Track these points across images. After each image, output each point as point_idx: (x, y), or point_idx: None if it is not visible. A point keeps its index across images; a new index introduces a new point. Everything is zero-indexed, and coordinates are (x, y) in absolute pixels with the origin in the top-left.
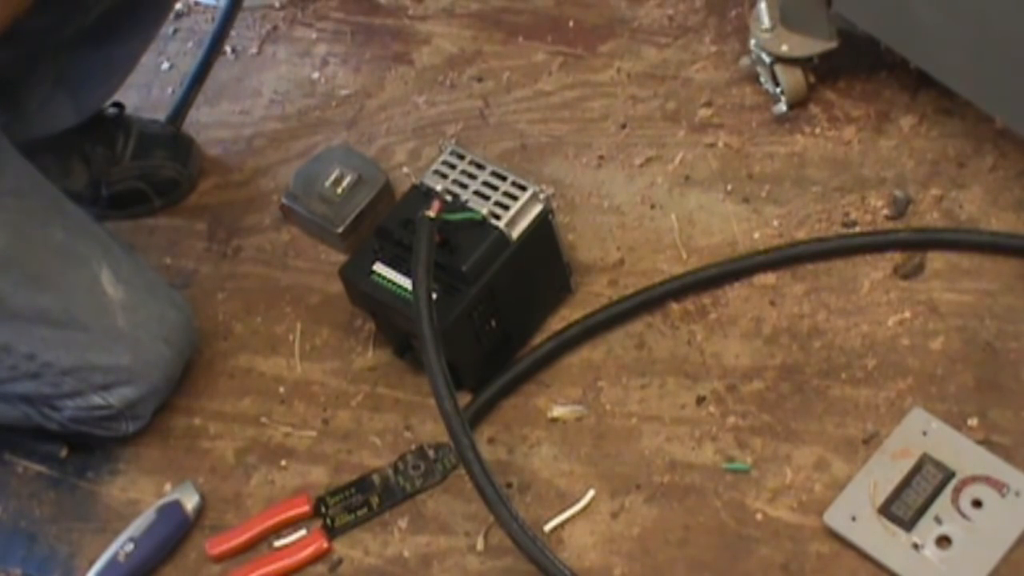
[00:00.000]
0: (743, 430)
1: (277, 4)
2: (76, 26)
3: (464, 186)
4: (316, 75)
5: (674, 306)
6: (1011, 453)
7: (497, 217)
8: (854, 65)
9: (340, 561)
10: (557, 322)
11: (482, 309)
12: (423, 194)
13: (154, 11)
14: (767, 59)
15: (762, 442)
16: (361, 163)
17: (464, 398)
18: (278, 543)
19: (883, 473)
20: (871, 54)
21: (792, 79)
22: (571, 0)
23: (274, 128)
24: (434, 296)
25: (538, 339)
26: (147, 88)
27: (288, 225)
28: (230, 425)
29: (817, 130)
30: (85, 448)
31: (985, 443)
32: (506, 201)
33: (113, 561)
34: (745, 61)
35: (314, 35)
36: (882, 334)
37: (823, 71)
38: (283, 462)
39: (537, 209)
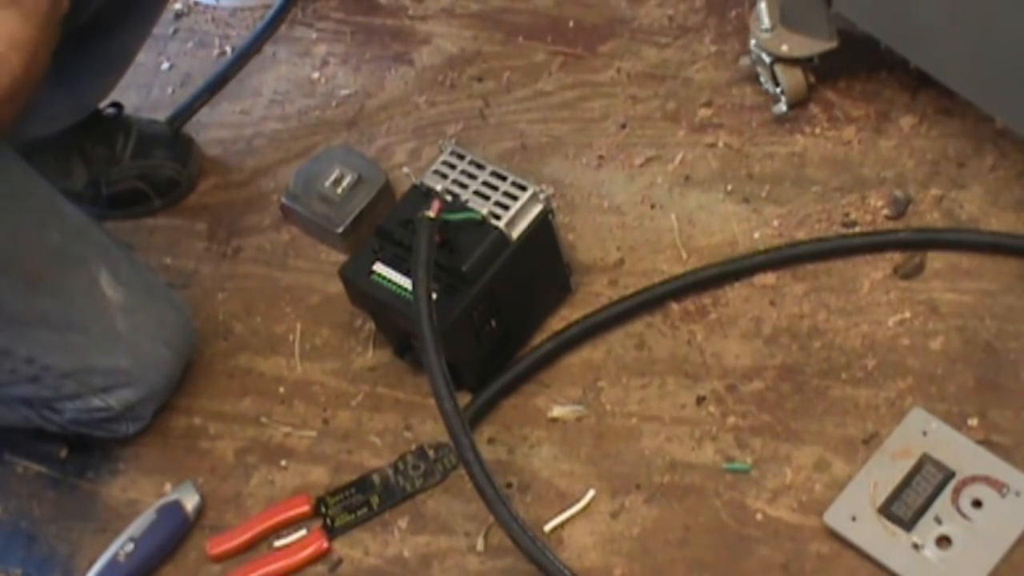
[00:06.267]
0: (743, 430)
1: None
2: (71, 25)
3: (464, 186)
4: (316, 75)
5: (674, 306)
6: (1011, 453)
7: (497, 217)
8: (854, 65)
9: (340, 561)
10: (557, 322)
11: (482, 309)
12: (423, 194)
13: (149, 6)
14: (767, 59)
15: (762, 442)
16: (361, 163)
17: (464, 398)
18: (278, 543)
19: (883, 473)
20: (871, 54)
21: (792, 79)
22: (571, 0)
23: (274, 128)
24: (434, 296)
25: (538, 339)
26: (147, 88)
27: (288, 225)
28: (230, 425)
29: (817, 130)
30: (85, 448)
31: (985, 443)
32: (506, 201)
33: (113, 561)
34: (745, 61)
35: (314, 35)
36: (882, 334)
37: (823, 71)
38: (283, 462)
39: (537, 209)
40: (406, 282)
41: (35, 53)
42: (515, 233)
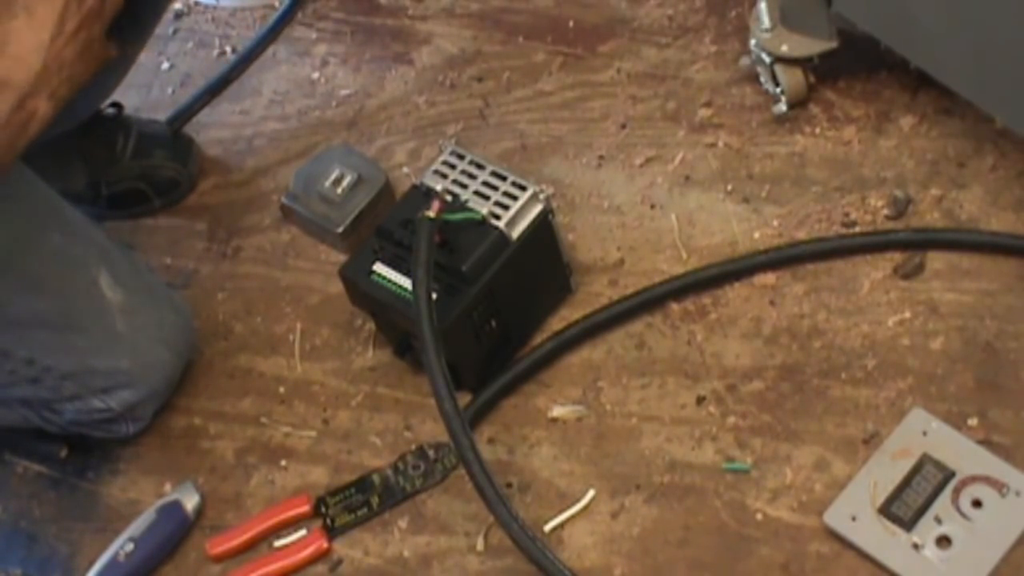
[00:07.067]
0: (743, 430)
1: (277, 4)
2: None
3: (464, 186)
4: (316, 75)
5: (674, 306)
6: (1011, 453)
7: (497, 217)
8: (854, 65)
9: (340, 561)
10: (557, 322)
11: (482, 309)
12: (423, 194)
13: (149, 12)
14: (767, 59)
15: (762, 442)
16: (361, 163)
17: (464, 398)
18: (278, 543)
19: (883, 473)
20: (871, 54)
21: (792, 79)
22: (571, 0)
23: (274, 128)
24: (434, 296)
25: (538, 339)
26: (147, 88)
27: (288, 225)
28: (230, 425)
29: (817, 130)
30: (85, 448)
31: (985, 443)
32: (506, 201)
33: (113, 561)
34: (745, 61)
35: (314, 35)
36: (882, 334)
37: (823, 71)
38: (283, 462)
39: (537, 209)
40: (406, 282)
41: (47, 62)
42: (515, 233)
